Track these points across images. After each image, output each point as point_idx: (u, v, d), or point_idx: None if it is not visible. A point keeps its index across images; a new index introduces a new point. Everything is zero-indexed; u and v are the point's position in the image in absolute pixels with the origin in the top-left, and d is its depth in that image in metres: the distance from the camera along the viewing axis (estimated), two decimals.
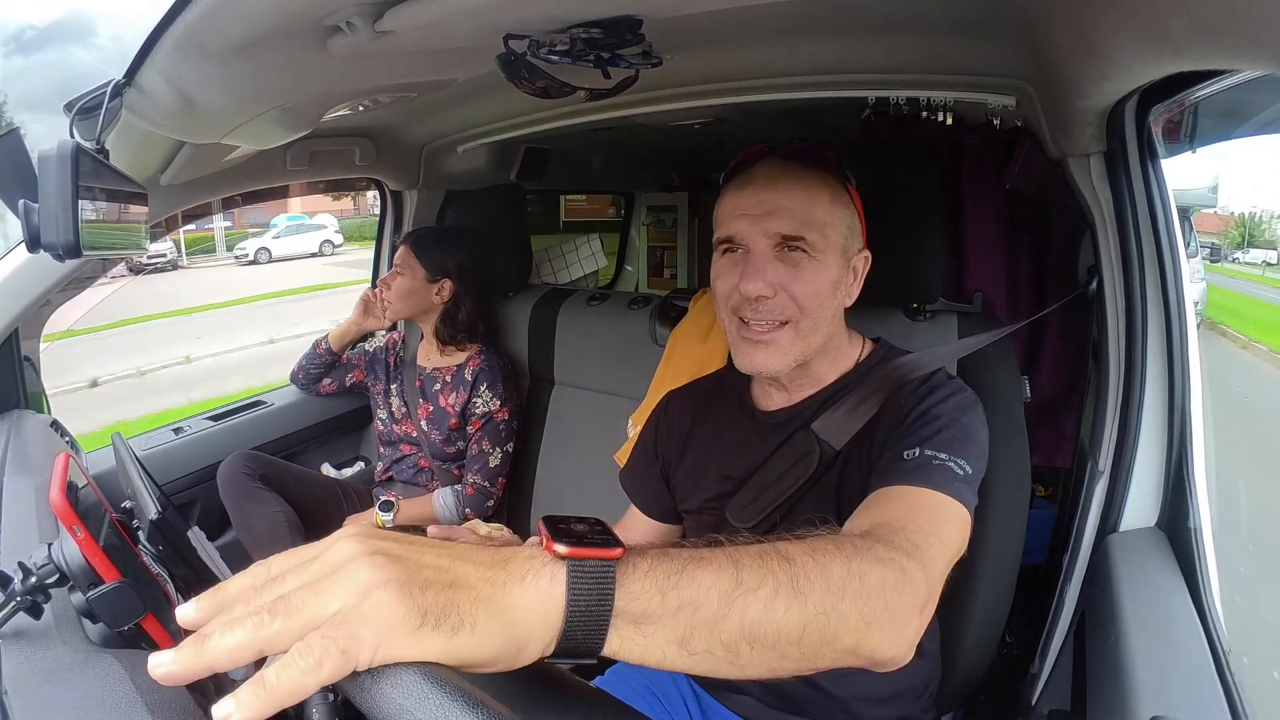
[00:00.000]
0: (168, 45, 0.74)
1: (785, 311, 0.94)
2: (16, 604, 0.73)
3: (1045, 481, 1.70)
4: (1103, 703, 0.77)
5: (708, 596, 0.50)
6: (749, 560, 0.53)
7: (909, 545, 0.68)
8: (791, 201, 0.93)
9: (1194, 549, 0.92)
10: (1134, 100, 0.91)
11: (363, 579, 0.42)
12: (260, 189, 1.76)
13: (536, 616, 0.44)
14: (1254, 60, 0.51)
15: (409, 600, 0.41)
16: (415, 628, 0.41)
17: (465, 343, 1.90)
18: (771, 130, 1.99)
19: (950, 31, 1.02)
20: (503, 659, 0.44)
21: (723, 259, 0.98)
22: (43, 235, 0.76)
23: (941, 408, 0.92)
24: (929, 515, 0.77)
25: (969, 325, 1.21)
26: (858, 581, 0.58)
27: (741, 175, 0.98)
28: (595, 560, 0.46)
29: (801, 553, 0.56)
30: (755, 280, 0.92)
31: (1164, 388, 1.01)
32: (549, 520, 0.49)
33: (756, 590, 0.51)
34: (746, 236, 0.94)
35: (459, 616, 0.42)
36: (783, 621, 0.52)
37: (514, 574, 0.45)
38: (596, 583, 0.46)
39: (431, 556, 0.45)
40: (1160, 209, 0.99)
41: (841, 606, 0.56)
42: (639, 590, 0.47)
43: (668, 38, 0.91)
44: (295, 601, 0.42)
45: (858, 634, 0.57)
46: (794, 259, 0.94)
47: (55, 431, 1.50)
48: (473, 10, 0.74)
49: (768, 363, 0.96)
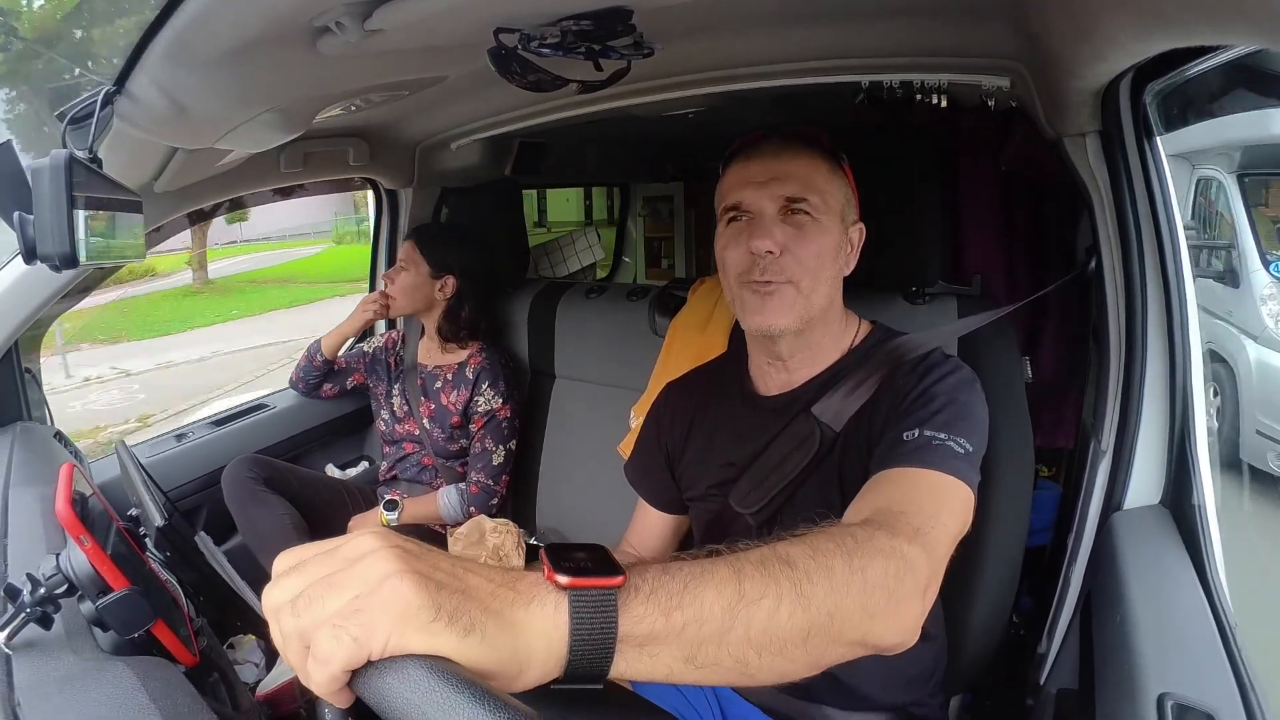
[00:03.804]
0: (157, 52, 0.74)
1: (789, 271, 0.96)
2: (27, 615, 0.73)
3: (1048, 462, 1.70)
4: (1110, 681, 0.77)
5: (711, 612, 0.50)
6: (751, 569, 0.53)
7: (910, 529, 0.68)
8: (795, 168, 0.97)
9: (1198, 526, 0.92)
10: (1128, 78, 0.90)
11: (380, 568, 0.43)
12: (255, 192, 1.75)
13: (540, 642, 0.45)
14: (1247, 35, 0.51)
15: (425, 592, 0.42)
16: (429, 620, 0.41)
17: (466, 340, 1.90)
18: (765, 118, 1.98)
19: (943, 13, 1.01)
20: (504, 675, 0.44)
21: (728, 229, 1.01)
22: (39, 246, 0.75)
23: (939, 387, 0.93)
24: (930, 497, 0.78)
25: (968, 308, 1.21)
26: (860, 577, 0.58)
27: (745, 153, 1.01)
28: (596, 589, 0.47)
29: (803, 555, 0.57)
30: (764, 238, 0.95)
31: (1165, 366, 1.00)
32: (551, 550, 0.49)
33: (760, 600, 0.52)
34: (753, 201, 0.97)
35: (470, 620, 0.42)
36: (788, 627, 0.53)
37: (521, 596, 0.46)
38: (599, 611, 0.46)
39: (445, 563, 0.46)
40: (1158, 187, 0.99)
41: (845, 605, 0.56)
42: (642, 614, 0.48)
43: (659, 28, 0.90)
44: (313, 595, 0.43)
45: (862, 627, 0.58)
46: (798, 221, 0.96)
47: (59, 442, 1.50)
48: (462, 6, 0.74)
49: (776, 317, 0.97)
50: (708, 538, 1.13)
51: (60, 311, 1.63)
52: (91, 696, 0.67)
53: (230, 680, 0.97)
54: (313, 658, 0.41)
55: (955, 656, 1.12)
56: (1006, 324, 1.18)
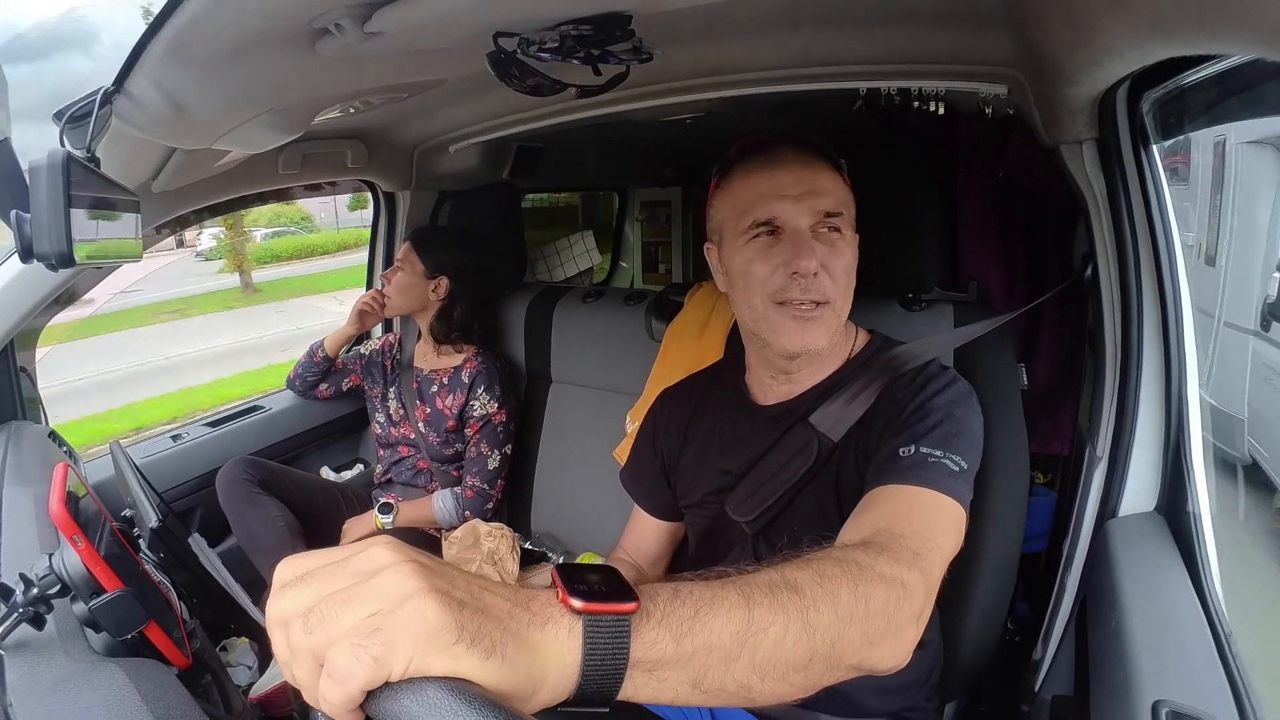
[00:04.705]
0: (156, 52, 0.74)
1: (826, 291, 0.95)
2: (19, 615, 0.73)
3: (1044, 469, 1.70)
4: (1105, 688, 0.77)
5: (720, 639, 0.50)
6: (759, 596, 0.54)
7: (909, 554, 0.69)
8: (826, 182, 0.96)
9: (1193, 533, 0.92)
10: (1125, 86, 0.91)
11: (401, 586, 0.41)
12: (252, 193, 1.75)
13: (554, 664, 0.45)
14: (1246, 44, 0.51)
15: (449, 613, 0.41)
16: (452, 642, 0.40)
17: (460, 342, 1.90)
18: (763, 123, 1.98)
19: (940, 20, 1.02)
20: (519, 696, 0.43)
21: (755, 243, 0.97)
22: (35, 246, 0.75)
23: (935, 401, 0.93)
24: (926, 518, 0.78)
25: (965, 314, 1.22)
26: (864, 606, 0.59)
27: (762, 159, 0.98)
28: (611, 615, 0.46)
29: (810, 581, 0.57)
30: (809, 258, 0.93)
31: (1160, 373, 1.01)
32: (563, 571, 0.49)
33: (767, 629, 0.52)
34: (789, 216, 0.95)
35: (491, 642, 0.42)
36: (792, 655, 0.53)
37: (537, 618, 0.45)
38: (613, 637, 0.46)
39: (463, 580, 0.45)
40: (1154, 194, 0.99)
41: (848, 634, 0.57)
42: (653, 639, 0.48)
43: (658, 33, 0.91)
44: (328, 611, 0.41)
45: (860, 654, 0.59)
46: (829, 238, 0.95)
47: (53, 441, 1.49)
48: (462, 9, 0.74)
49: (817, 340, 0.96)
50: (704, 545, 1.13)
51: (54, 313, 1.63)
52: (84, 698, 0.67)
53: (223, 682, 0.96)
54: (328, 676, 0.40)
55: (951, 663, 1.12)
56: (1003, 331, 1.18)
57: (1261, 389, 1.84)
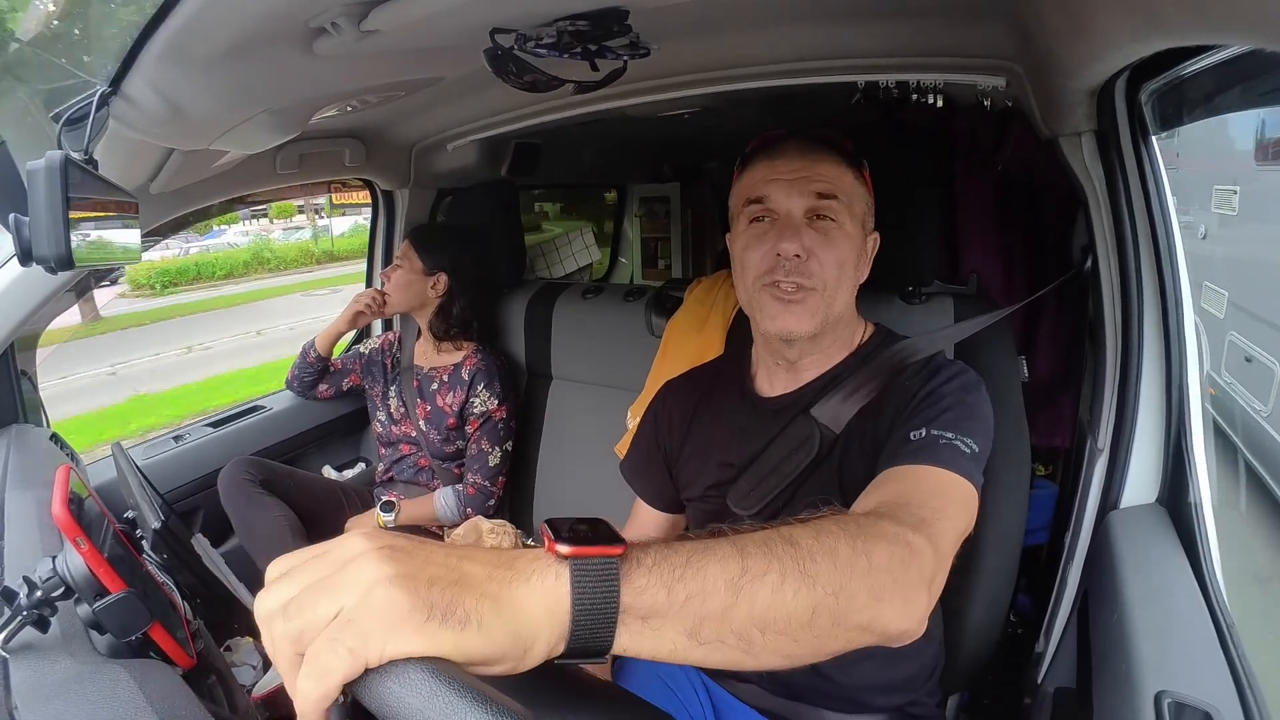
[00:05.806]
0: (153, 53, 0.73)
1: (812, 279, 0.96)
2: (23, 618, 0.73)
3: (1045, 461, 1.70)
4: (1108, 680, 0.78)
5: (715, 586, 0.50)
6: (754, 547, 0.53)
7: (915, 520, 0.68)
8: (823, 168, 0.97)
9: (1195, 524, 0.92)
10: (1124, 78, 0.91)
11: (369, 574, 0.42)
12: (251, 193, 1.75)
13: (542, 616, 0.45)
14: (1242, 35, 0.51)
15: (414, 594, 0.41)
16: (422, 622, 0.41)
17: (460, 340, 1.90)
18: (761, 118, 1.99)
19: (939, 13, 1.01)
20: (509, 658, 0.44)
21: (749, 229, 1.00)
22: (34, 248, 0.75)
23: (946, 388, 0.93)
24: (936, 492, 0.78)
25: (965, 307, 1.22)
26: (865, 559, 0.58)
27: (768, 150, 1.00)
28: (598, 558, 0.47)
29: (806, 535, 0.57)
30: (793, 240, 0.94)
31: (1161, 364, 1.01)
32: (551, 523, 0.49)
33: (764, 576, 0.51)
34: (781, 198, 0.97)
35: (465, 612, 0.42)
36: (792, 605, 0.52)
37: (520, 573, 0.45)
38: (601, 580, 0.46)
39: (439, 555, 0.45)
40: (1153, 186, 0.99)
41: (850, 585, 0.56)
42: (644, 585, 0.48)
43: (655, 28, 0.90)
44: (305, 601, 0.42)
45: (868, 610, 0.57)
46: (823, 227, 0.96)
47: (55, 444, 1.49)
48: (458, 7, 0.74)
49: (798, 323, 0.97)
50: None
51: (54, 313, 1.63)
52: (88, 699, 0.67)
53: (227, 682, 0.96)
54: (310, 670, 0.40)
55: (953, 655, 1.12)
56: (1004, 324, 1.18)
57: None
